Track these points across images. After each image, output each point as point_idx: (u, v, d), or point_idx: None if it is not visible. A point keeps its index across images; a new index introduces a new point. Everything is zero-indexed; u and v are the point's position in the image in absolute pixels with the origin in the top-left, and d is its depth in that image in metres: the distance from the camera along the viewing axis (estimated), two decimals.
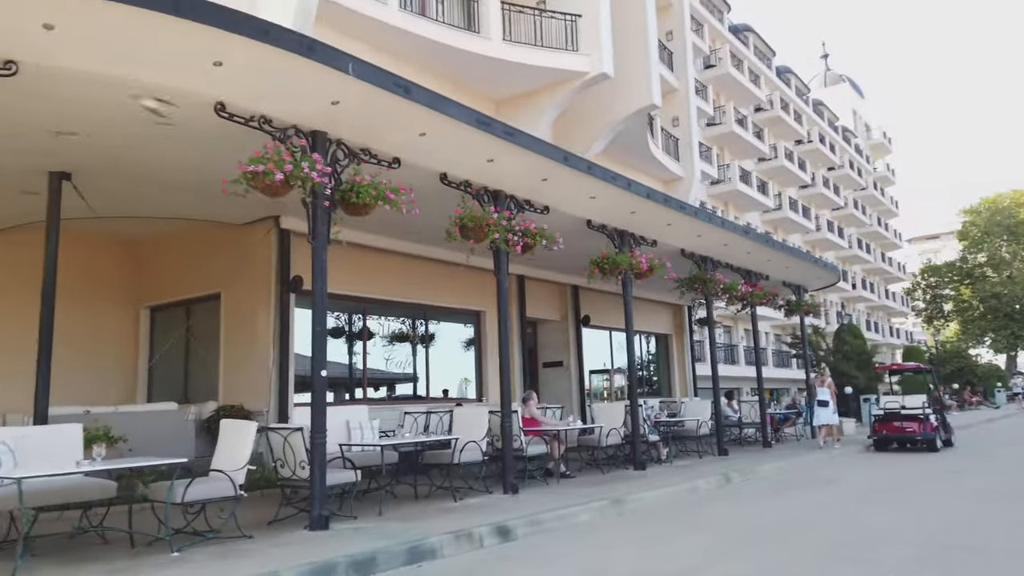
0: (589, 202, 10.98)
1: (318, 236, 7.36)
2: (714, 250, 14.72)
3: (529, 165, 9.27)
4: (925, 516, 7.76)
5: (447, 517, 7.47)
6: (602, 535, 7.25)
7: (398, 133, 7.98)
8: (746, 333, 38.82)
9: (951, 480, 10.55)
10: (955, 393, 38.82)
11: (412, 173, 8.71)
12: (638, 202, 11.33)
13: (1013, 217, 62.42)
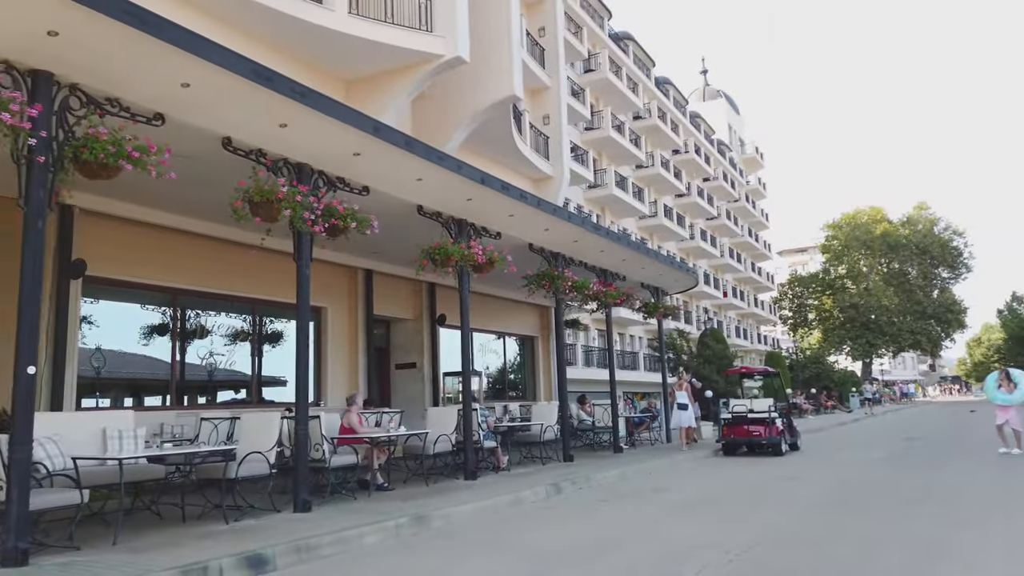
0: (416, 185, 9.93)
1: (32, 201, 5.91)
2: (565, 246, 14.04)
3: (331, 134, 8.11)
4: (739, 529, 7.18)
5: (199, 545, 6.19)
6: (380, 561, 6.18)
7: (155, 82, 6.63)
8: (619, 337, 39.19)
9: (783, 488, 10.21)
10: (812, 397, 40.56)
11: (185, 135, 7.38)
12: (473, 188, 10.39)
13: (870, 233, 66.76)
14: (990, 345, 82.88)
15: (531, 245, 13.49)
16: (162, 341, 12.07)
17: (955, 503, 8.55)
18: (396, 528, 7.21)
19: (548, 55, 25.03)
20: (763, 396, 19.38)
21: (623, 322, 37.44)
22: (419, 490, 9.71)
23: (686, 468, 13.28)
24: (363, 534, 6.87)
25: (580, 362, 32.07)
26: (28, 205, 5.90)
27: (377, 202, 9.88)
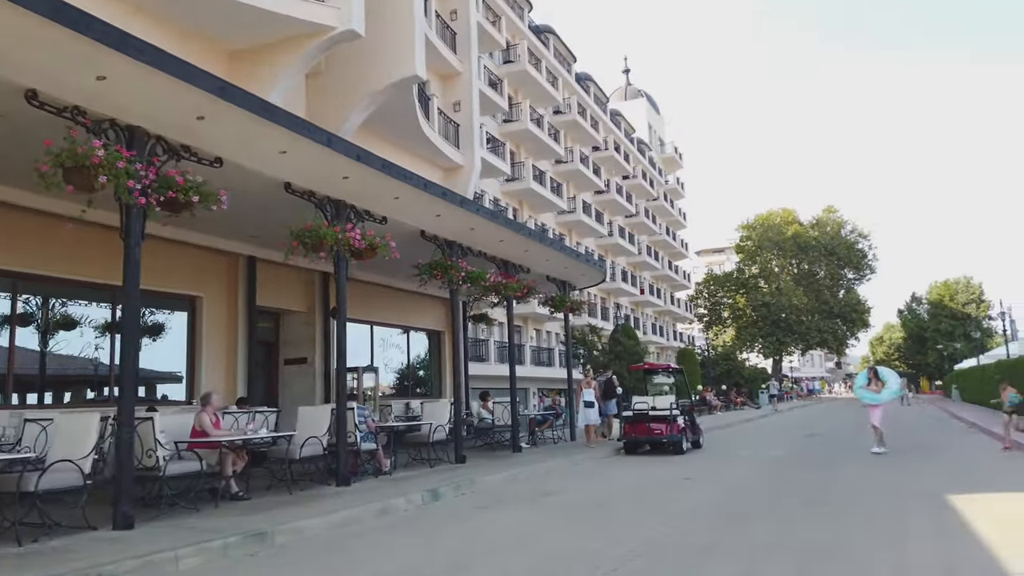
0: (281, 158, 8.89)
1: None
2: (461, 234, 13.21)
3: (166, 93, 7.00)
4: (619, 539, 6.53)
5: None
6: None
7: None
8: (536, 333, 38.69)
9: (676, 490, 9.68)
10: (723, 394, 41.14)
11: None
12: (349, 165, 9.41)
13: (782, 234, 68.80)
14: (891, 343, 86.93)
15: (423, 232, 12.61)
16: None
17: (848, 505, 8.18)
18: (224, 548, 6.21)
19: (460, 39, 24.12)
20: (671, 393, 19.11)
21: (539, 318, 37.00)
22: (280, 499, 8.70)
23: (582, 469, 12.68)
24: (180, 556, 5.85)
25: (493, 358, 31.36)
26: None
27: (235, 176, 8.81)
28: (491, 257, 14.92)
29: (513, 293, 14.70)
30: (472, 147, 23.69)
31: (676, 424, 14.98)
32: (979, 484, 9.70)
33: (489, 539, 6.81)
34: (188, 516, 7.60)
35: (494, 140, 34.25)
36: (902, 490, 9.20)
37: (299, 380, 16.70)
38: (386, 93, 17.17)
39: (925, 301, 74.49)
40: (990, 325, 66.81)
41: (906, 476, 10.69)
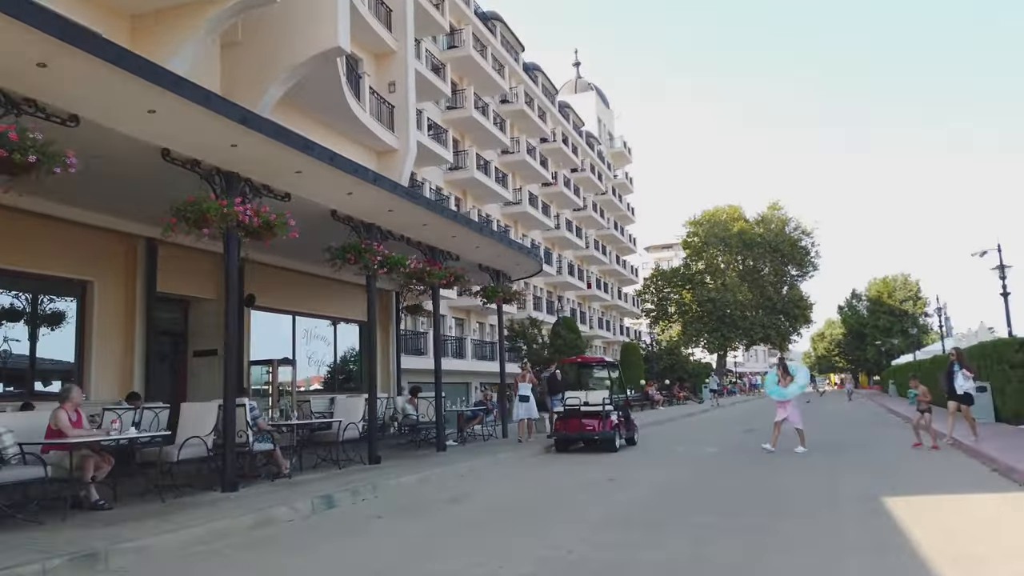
0: (151, 119, 7.77)
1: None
2: (379, 216, 12.22)
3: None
4: (520, 556, 5.72)
5: None
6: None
7: None
8: (479, 326, 37.71)
9: (598, 494, 8.91)
10: (666, 388, 40.95)
11: None
12: (234, 130, 8.32)
13: (728, 230, 69.31)
14: (832, 339, 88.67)
15: (335, 212, 11.58)
16: None
17: (776, 511, 7.52)
18: (43, 574, 5.16)
19: (395, 16, 23.02)
20: (607, 388, 18.43)
21: (483, 311, 36.04)
22: (148, 509, 7.63)
23: (504, 470, 11.85)
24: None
25: (430, 351, 30.28)
26: None
27: (100, 139, 7.71)
28: (416, 243, 13.98)
29: (438, 281, 13.77)
30: (408, 130, 22.65)
31: (609, 420, 14.29)
32: (914, 485, 9.21)
33: (363, 559, 5.89)
34: (27, 530, 6.50)
35: (436, 127, 33.18)
36: (836, 493, 8.61)
37: (210, 373, 15.45)
38: (308, 66, 16.04)
39: (864, 298, 76.05)
40: (926, 322, 68.56)
41: (842, 476, 10.16)
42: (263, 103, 15.61)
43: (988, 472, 10.08)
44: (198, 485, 9.03)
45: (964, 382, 12.89)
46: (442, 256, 14.82)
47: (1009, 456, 10.51)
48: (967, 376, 12.89)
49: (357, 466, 11.43)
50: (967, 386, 12.87)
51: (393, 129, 22.48)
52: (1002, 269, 18.39)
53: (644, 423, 23.15)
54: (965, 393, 12.93)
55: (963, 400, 12.99)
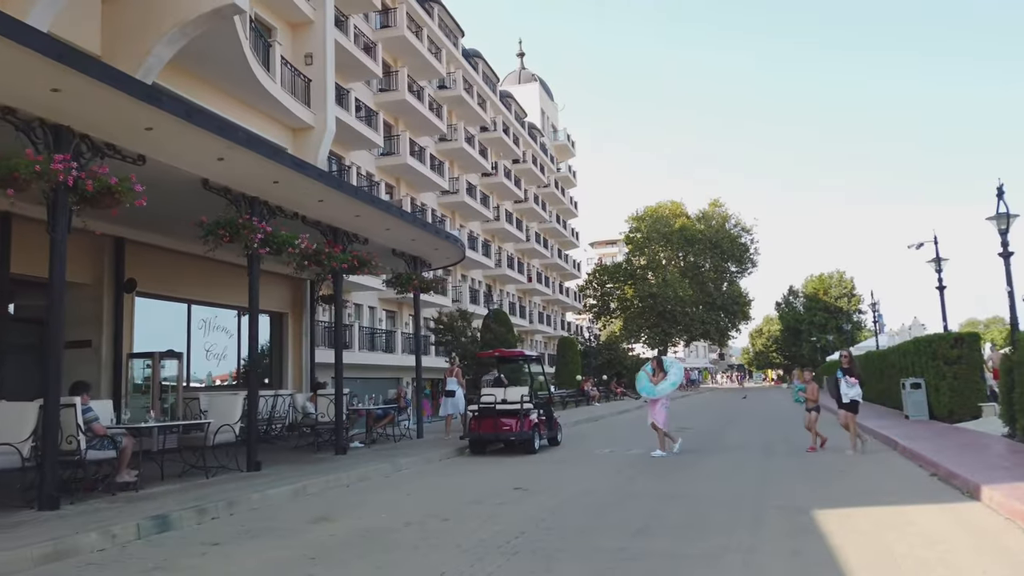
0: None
1: None
2: (263, 189, 10.70)
3: None
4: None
5: None
6: None
7: None
8: (411, 319, 36.00)
9: (492, 509, 7.66)
10: (603, 384, 40.18)
11: None
12: (49, 69, 6.76)
13: (669, 226, 69.29)
14: (769, 336, 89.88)
15: (207, 182, 10.03)
16: None
17: (693, 530, 6.43)
18: None
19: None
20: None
21: (411, 302, 34.57)
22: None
23: (402, 478, 10.51)
24: None
25: (356, 345, 28.71)
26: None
27: None
28: (314, 222, 12.50)
29: (339, 264, 12.32)
30: (325, 106, 21.05)
31: (528, 419, 13.12)
32: (850, 493, 8.29)
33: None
34: None
35: (368, 109, 31.52)
36: (763, 505, 7.58)
37: (82, 368, 13.70)
38: (199, 25, 14.32)
39: (801, 294, 77.12)
40: (860, 318, 69.82)
41: (771, 482, 9.19)
42: (147, 64, 13.88)
43: (927, 477, 9.24)
44: (16, 502, 7.45)
45: (849, 389, 12.08)
46: (347, 238, 13.38)
47: (949, 459, 9.70)
48: (851, 383, 12.06)
49: (231, 474, 9.95)
50: (852, 393, 12.05)
51: (310, 105, 20.86)
52: (938, 262, 17.90)
53: (575, 420, 22.15)
54: (851, 401, 12.09)
55: (849, 408, 12.15)
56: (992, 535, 5.97)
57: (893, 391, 21.90)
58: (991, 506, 7.02)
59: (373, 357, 30.31)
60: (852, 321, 64.78)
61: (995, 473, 8.36)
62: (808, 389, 13.02)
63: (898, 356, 21.07)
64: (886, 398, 23.55)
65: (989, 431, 13.48)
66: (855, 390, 12.08)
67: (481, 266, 44.94)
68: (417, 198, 37.62)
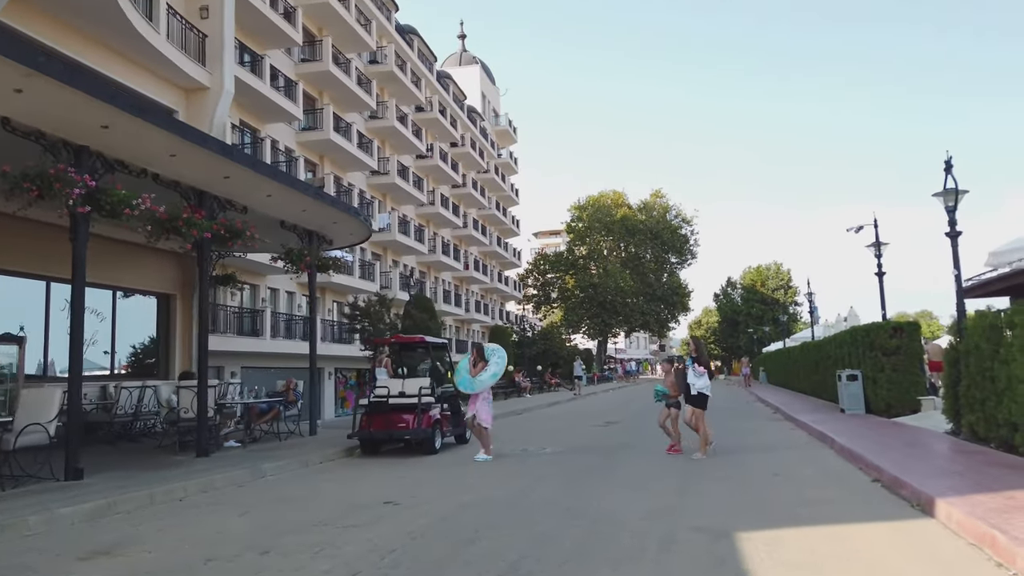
0: None
1: None
2: (93, 136, 8.77)
3: None
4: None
5: None
6: None
7: None
8: (336, 305, 33.99)
9: (330, 536, 5.99)
10: (537, 375, 38.85)
11: None
12: None
13: (611, 216, 68.47)
14: (708, 327, 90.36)
15: (7, 122, 8.04)
16: None
17: (588, 560, 4.92)
18: None
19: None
20: (438, 376, 15.61)
21: (341, 288, 32.52)
22: None
23: (255, 488, 8.75)
24: None
25: (269, 332, 26.56)
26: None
27: None
28: (171, 182, 10.59)
29: (200, 233, 10.42)
30: (223, 65, 18.91)
31: (427, 415, 11.50)
32: (781, 506, 6.95)
33: None
34: None
35: (286, 79, 29.25)
36: (677, 523, 6.15)
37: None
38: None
39: (739, 286, 77.48)
40: (796, 310, 70.41)
41: (691, 491, 7.79)
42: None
43: (869, 484, 7.98)
44: None
45: (696, 379, 10.48)
46: (218, 204, 11.48)
47: (892, 462, 8.48)
48: (699, 372, 10.47)
49: (41, 485, 8.05)
50: (700, 385, 10.45)
51: (204, 63, 18.69)
52: (878, 246, 16.95)
53: (497, 414, 20.59)
54: (699, 394, 10.48)
55: (696, 403, 10.52)
56: (960, 569, 4.63)
57: (829, 383, 21.06)
58: (950, 526, 5.74)
59: (289, 346, 28.15)
60: (788, 313, 65.16)
61: (948, 481, 7.12)
62: (668, 382, 11.18)
63: (834, 347, 20.20)
64: (821, 390, 22.75)
65: (930, 427, 12.48)
66: (703, 381, 10.50)
67: (414, 252, 43.04)
68: (344, 178, 35.46)
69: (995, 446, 9.44)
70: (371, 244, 38.86)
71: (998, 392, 9.11)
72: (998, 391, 9.10)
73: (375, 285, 35.31)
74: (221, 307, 25.51)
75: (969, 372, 10.17)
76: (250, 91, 26.09)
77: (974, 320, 10.04)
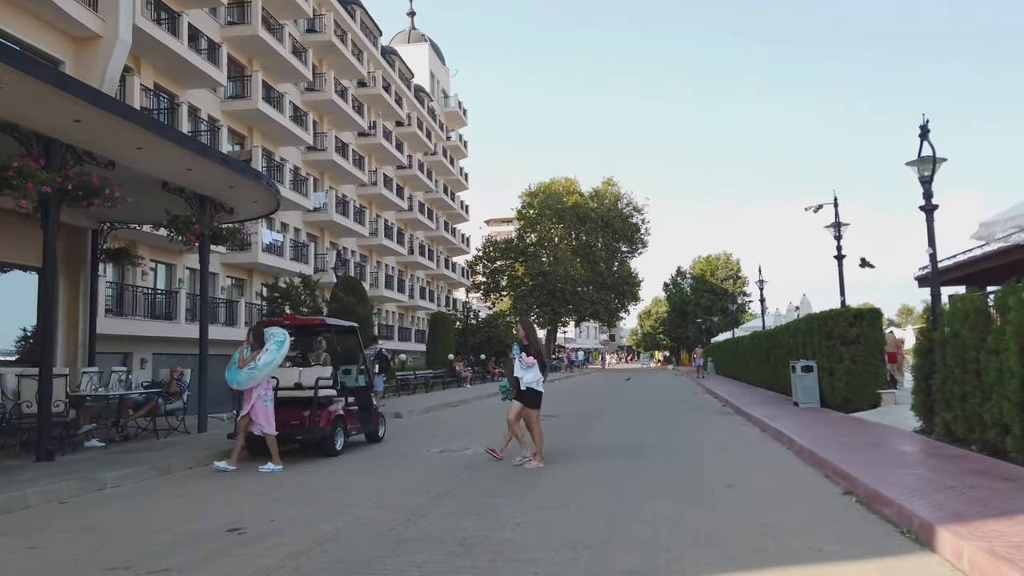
0: None
1: None
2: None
3: None
4: None
5: None
6: None
7: None
8: (234, 284, 31.17)
9: None
10: (480, 364, 37.27)
11: None
12: None
13: (562, 203, 67.08)
14: (657, 317, 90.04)
15: None
16: None
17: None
18: None
19: None
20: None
21: (268, 269, 30.30)
22: None
23: (70, 509, 6.88)
24: None
25: (183, 316, 24.35)
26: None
27: None
28: (7, 126, 8.58)
29: (37, 186, 8.45)
30: (117, 11, 16.65)
31: (327, 411, 9.75)
32: (734, 533, 5.45)
33: None
34: None
35: (210, 42, 26.91)
36: (601, 560, 4.59)
37: None
38: None
39: (689, 276, 77.10)
40: (744, 300, 70.27)
41: (623, 510, 6.27)
42: None
43: (841, 498, 6.60)
44: None
45: (524, 371, 8.63)
46: (74, 156, 9.49)
47: (866, 469, 7.11)
48: (527, 363, 8.60)
49: None
50: (529, 378, 8.62)
51: (96, 8, 16.44)
52: (837, 227, 15.75)
53: (430, 405, 19.01)
54: (528, 389, 8.66)
55: (525, 399, 8.68)
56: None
57: (780, 374, 19.97)
58: (961, 567, 4.32)
59: (210, 331, 26.00)
60: (736, 303, 64.89)
61: (940, 498, 5.74)
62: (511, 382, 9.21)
63: (787, 336, 19.05)
64: (772, 382, 21.68)
65: (894, 424, 11.27)
66: (532, 374, 8.64)
67: (354, 234, 40.92)
68: (275, 152, 33.18)
69: (977, 449, 8.18)
70: (306, 224, 36.68)
71: (984, 387, 7.82)
72: (984, 386, 7.81)
73: (309, 268, 33.17)
74: (128, 287, 23.22)
75: (946, 364, 8.90)
76: (165, 51, 23.75)
77: (955, 304, 8.76)
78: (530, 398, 8.74)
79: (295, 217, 35.12)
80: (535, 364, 8.66)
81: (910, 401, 10.41)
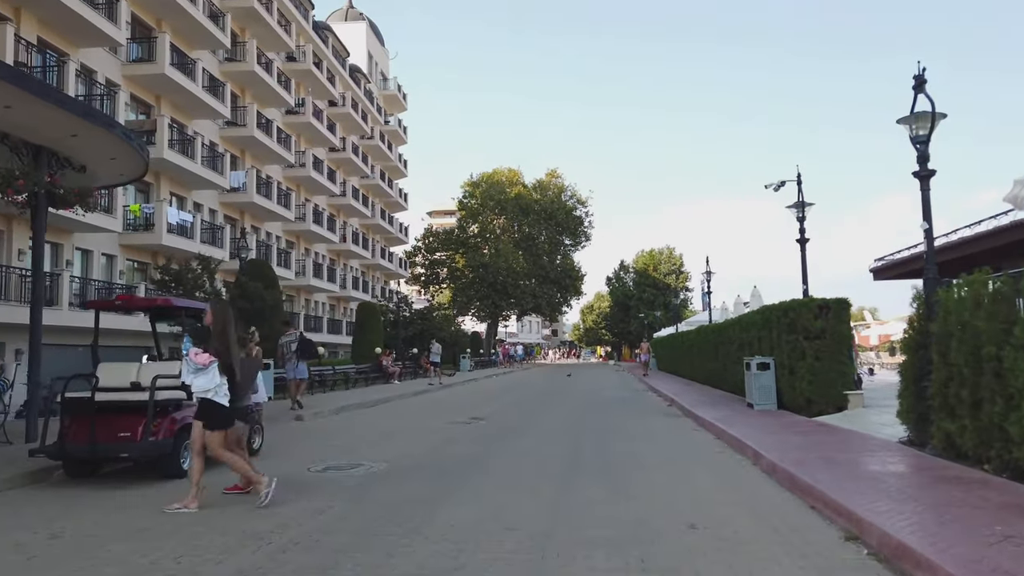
0: None
1: None
2: None
3: None
4: None
5: None
6: None
7: None
8: (136, 267, 27.95)
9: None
10: (412, 358, 34.98)
11: None
12: None
13: (505, 194, 65.11)
14: (600, 312, 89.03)
15: None
16: None
17: None
18: None
19: None
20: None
21: (178, 253, 27.29)
22: None
23: None
24: None
25: (66, 302, 21.39)
26: None
27: None
28: None
29: None
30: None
31: (169, 419, 7.47)
32: None
33: None
34: None
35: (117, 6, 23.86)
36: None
37: None
38: None
39: (632, 270, 76.17)
40: (687, 296, 69.67)
41: (545, 556, 4.26)
42: None
43: (844, 545, 4.76)
44: None
45: (193, 375, 6.10)
46: None
47: (865, 502, 5.29)
48: (198, 364, 6.07)
49: None
50: (200, 384, 6.08)
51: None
52: (801, 207, 14.16)
53: (342, 405, 16.72)
54: (203, 401, 6.14)
55: (202, 416, 6.14)
56: None
57: (730, 372, 18.41)
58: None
59: (102, 320, 23.02)
60: (679, 297, 64.12)
61: (1002, 558, 3.90)
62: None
63: (738, 330, 17.47)
64: (720, 380, 20.13)
65: (871, 432, 9.61)
66: (206, 379, 6.06)
67: (279, 218, 38.02)
68: (188, 125, 30.12)
69: (993, 469, 6.50)
70: (223, 205, 33.71)
71: (1008, 392, 6.12)
72: (1009, 391, 6.10)
73: (224, 252, 30.34)
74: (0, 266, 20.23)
75: (948, 362, 7.21)
76: (51, 2, 20.82)
77: (963, 288, 7.05)
78: (208, 414, 6.03)
79: (210, 197, 32.17)
80: (211, 365, 6.02)
81: (880, 404, 8.75)
